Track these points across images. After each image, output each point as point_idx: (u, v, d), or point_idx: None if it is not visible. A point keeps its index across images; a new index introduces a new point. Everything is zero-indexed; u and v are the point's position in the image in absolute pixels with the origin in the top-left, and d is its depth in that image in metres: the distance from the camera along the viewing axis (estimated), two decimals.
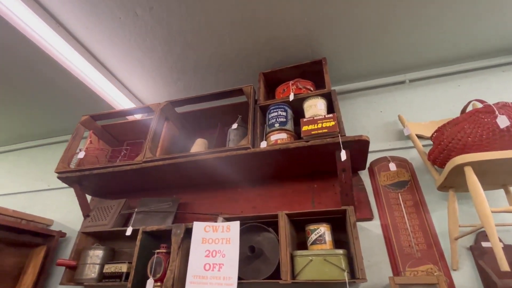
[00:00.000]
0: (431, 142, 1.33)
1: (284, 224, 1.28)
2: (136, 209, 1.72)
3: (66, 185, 2.25)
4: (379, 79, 1.93)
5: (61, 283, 1.59)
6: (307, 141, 1.35)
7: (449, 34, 1.64)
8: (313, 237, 1.26)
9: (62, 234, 1.92)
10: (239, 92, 1.73)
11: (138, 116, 2.17)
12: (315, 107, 1.48)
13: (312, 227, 1.28)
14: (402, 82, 1.89)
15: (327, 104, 1.55)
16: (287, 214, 1.32)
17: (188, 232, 1.47)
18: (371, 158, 1.63)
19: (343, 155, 1.27)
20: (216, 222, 1.39)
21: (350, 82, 2.00)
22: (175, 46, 1.73)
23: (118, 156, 1.91)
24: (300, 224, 1.42)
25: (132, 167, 1.62)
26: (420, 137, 1.57)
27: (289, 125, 1.52)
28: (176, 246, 1.42)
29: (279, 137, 1.45)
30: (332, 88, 1.81)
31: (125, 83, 2.04)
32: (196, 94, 1.81)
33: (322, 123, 1.35)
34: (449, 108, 1.71)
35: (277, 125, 1.49)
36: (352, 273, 1.16)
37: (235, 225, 1.31)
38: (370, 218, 1.46)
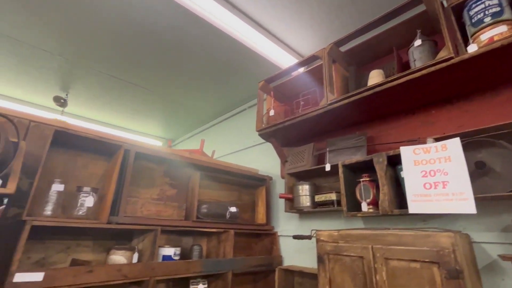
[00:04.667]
0: None
1: None
2: (328, 149, 1.93)
3: (258, 143, 2.83)
4: None
5: (285, 211, 2.07)
6: None
7: None
8: None
9: (270, 178, 2.46)
10: (416, 2, 1.50)
11: (301, 70, 2.34)
12: None
13: None
14: None
15: None
16: None
17: (389, 160, 1.53)
18: None
19: None
20: (424, 144, 1.35)
21: None
22: None
23: (297, 108, 2.16)
24: None
25: (318, 112, 1.80)
26: None
27: (508, 14, 1.19)
28: (382, 172, 1.51)
29: (495, 33, 1.17)
30: None
31: (287, 42, 2.22)
32: (356, 28, 1.73)
33: None
34: None
35: (488, 19, 1.21)
36: None
37: (454, 143, 1.23)
38: None
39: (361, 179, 1.66)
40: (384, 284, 1.20)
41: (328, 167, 1.83)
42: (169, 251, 1.66)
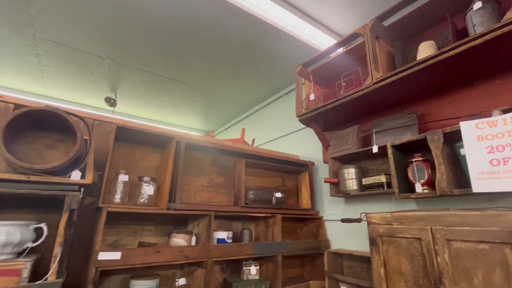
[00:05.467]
0: None
1: None
2: (374, 130, 1.86)
3: (296, 129, 2.81)
4: None
5: (331, 195, 2.06)
6: None
7: None
8: None
9: (312, 163, 2.45)
10: None
11: (339, 50, 2.25)
12: None
13: None
14: None
15: None
16: None
17: (446, 137, 1.43)
18: None
19: None
20: (488, 117, 1.24)
21: None
22: None
23: (339, 89, 2.10)
24: None
25: (363, 92, 1.73)
26: None
27: None
28: (439, 151, 1.42)
29: None
30: None
31: (324, 22, 2.15)
32: None
33: None
34: None
35: None
36: None
37: None
38: None
39: (414, 159, 1.58)
40: (447, 266, 1.15)
41: (375, 149, 1.77)
42: (222, 234, 1.76)
